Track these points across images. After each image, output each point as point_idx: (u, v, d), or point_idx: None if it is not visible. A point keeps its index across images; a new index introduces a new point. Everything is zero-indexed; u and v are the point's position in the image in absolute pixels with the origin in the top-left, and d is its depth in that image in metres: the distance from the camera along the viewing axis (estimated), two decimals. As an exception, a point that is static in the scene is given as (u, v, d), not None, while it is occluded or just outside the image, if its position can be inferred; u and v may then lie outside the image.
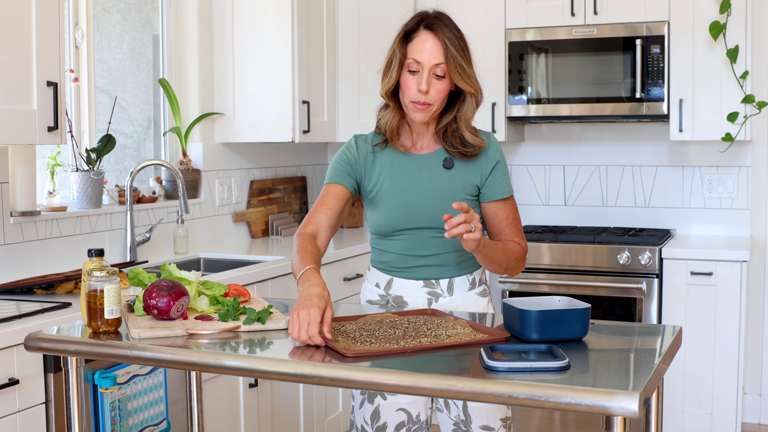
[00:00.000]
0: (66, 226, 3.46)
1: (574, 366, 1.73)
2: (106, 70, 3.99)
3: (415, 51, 2.33)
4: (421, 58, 2.32)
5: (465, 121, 2.40)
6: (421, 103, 2.33)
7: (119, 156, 4.07)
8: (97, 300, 2.03)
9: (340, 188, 2.41)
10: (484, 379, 1.64)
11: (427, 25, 2.35)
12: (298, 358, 1.82)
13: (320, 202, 2.39)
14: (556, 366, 1.69)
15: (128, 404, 2.79)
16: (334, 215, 2.37)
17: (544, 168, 4.99)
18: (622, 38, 4.34)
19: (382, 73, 2.41)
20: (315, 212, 2.37)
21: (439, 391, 1.63)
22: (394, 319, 2.11)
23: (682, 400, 4.18)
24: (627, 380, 1.63)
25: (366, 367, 1.72)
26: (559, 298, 2.08)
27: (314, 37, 4.42)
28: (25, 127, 2.79)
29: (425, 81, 2.31)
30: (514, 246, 2.41)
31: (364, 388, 1.71)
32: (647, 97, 4.31)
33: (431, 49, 2.32)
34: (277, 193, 4.86)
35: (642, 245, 4.20)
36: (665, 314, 4.18)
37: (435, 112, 2.37)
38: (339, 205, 2.39)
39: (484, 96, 4.51)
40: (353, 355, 1.80)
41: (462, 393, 1.62)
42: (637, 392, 1.53)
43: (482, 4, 4.62)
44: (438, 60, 2.31)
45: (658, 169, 4.77)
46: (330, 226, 2.36)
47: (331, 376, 1.72)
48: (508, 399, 1.59)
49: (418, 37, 2.35)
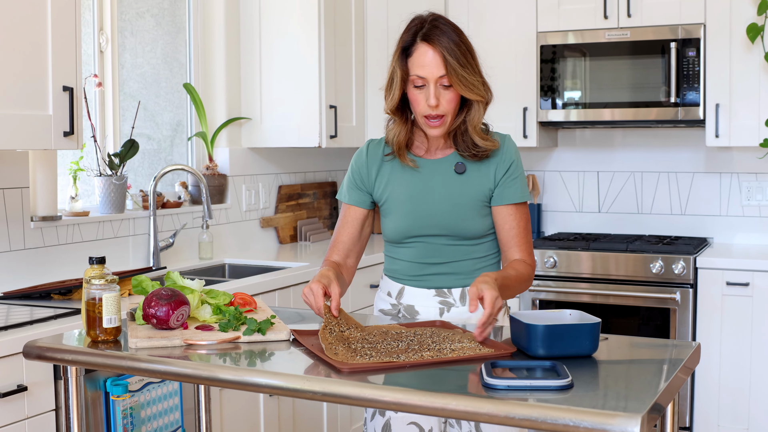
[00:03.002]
0: (87, 231, 3.45)
1: (578, 384, 1.65)
2: (140, 74, 3.99)
3: (416, 66, 2.26)
4: (423, 73, 2.25)
5: (473, 125, 2.33)
6: (433, 117, 2.28)
7: (152, 160, 4.06)
8: (95, 308, 2.00)
9: (355, 210, 2.46)
10: (480, 397, 1.57)
11: (423, 36, 2.26)
12: (294, 372, 1.76)
13: (342, 223, 2.47)
14: (558, 385, 1.61)
15: (141, 412, 2.76)
16: (356, 234, 2.46)
17: (577, 174, 4.89)
18: (657, 41, 4.23)
19: (385, 90, 2.36)
20: (339, 234, 2.45)
21: (432, 410, 1.57)
22: (400, 331, 2.05)
23: (717, 414, 4.06)
24: (631, 401, 1.55)
25: (359, 383, 1.66)
26: (570, 312, 1.99)
27: (342, 40, 4.37)
28: (41, 132, 2.78)
29: (432, 95, 2.25)
30: (524, 268, 2.31)
31: (357, 404, 1.65)
32: (682, 102, 4.20)
33: (432, 62, 2.24)
34: (307, 199, 4.82)
35: (676, 254, 4.09)
36: (700, 325, 4.06)
37: (450, 121, 2.31)
38: (359, 225, 2.46)
39: (516, 101, 4.50)
40: (349, 369, 1.74)
41: (456, 412, 1.55)
42: (639, 414, 1.45)
43: (513, 8, 4.54)
44: (441, 72, 2.24)
45: (695, 175, 4.65)
46: (355, 245, 2.46)
47: (324, 391, 1.67)
48: (504, 419, 1.52)
49: (417, 51, 2.26)
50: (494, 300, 1.98)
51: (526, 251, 2.34)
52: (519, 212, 2.36)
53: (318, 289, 2.09)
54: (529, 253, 2.35)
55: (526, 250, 2.35)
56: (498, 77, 4.59)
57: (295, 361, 1.88)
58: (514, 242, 2.34)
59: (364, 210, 2.44)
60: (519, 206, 2.36)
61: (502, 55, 4.51)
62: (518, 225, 2.35)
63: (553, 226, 4.95)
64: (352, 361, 1.81)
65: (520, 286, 2.27)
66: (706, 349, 4.04)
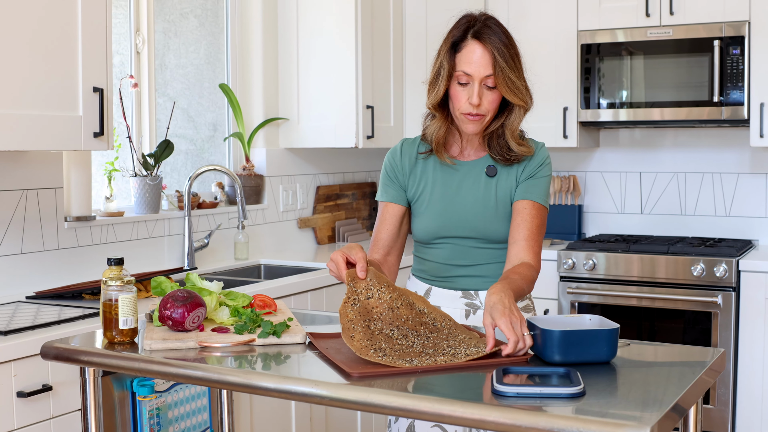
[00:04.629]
0: (122, 232, 3.48)
1: (591, 392, 1.61)
2: (183, 75, 4.02)
3: (464, 63, 2.23)
4: (470, 70, 2.22)
5: (511, 130, 2.31)
6: (473, 115, 2.25)
7: (193, 161, 4.08)
8: (112, 309, 2.00)
9: (392, 206, 2.43)
10: (487, 404, 1.54)
11: (474, 34, 2.24)
12: (304, 376, 1.74)
13: (380, 221, 2.44)
14: (569, 392, 1.57)
15: (168, 412, 2.76)
16: (395, 231, 2.43)
17: (619, 175, 4.80)
18: (700, 39, 4.13)
19: (429, 85, 2.33)
20: (378, 233, 2.42)
21: (439, 416, 1.54)
22: (423, 310, 2.00)
23: (761, 421, 3.95)
24: (644, 411, 1.50)
25: (366, 389, 1.64)
26: (590, 317, 1.95)
27: (380, 39, 4.35)
28: (71, 133, 2.80)
29: (476, 93, 2.22)
30: (529, 273, 2.23)
31: (364, 410, 1.62)
32: (726, 101, 4.10)
33: (480, 60, 2.22)
34: (345, 199, 4.81)
35: (718, 256, 3.99)
36: (742, 330, 3.96)
37: (487, 122, 2.29)
38: (398, 222, 2.43)
39: (556, 100, 4.43)
40: (359, 374, 1.71)
41: (463, 419, 1.52)
42: (647, 426, 1.40)
43: (554, 6, 4.47)
44: (488, 72, 2.22)
45: (740, 176, 4.54)
46: (395, 242, 2.42)
47: (332, 396, 1.64)
48: (511, 427, 1.48)
49: (467, 47, 2.24)
50: (511, 325, 1.86)
51: (533, 251, 2.27)
52: (535, 210, 2.30)
53: (339, 258, 2.04)
54: (535, 253, 2.28)
55: (533, 249, 2.27)
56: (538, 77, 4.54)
57: (308, 365, 1.86)
58: (522, 236, 2.27)
59: (402, 207, 2.42)
60: (536, 205, 2.31)
61: (542, 55, 4.45)
62: (531, 222, 2.28)
63: (595, 228, 4.87)
64: (366, 352, 1.79)
65: (526, 288, 2.22)
66: (748, 354, 3.94)
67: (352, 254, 2.04)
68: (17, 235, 3.07)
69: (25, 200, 3.09)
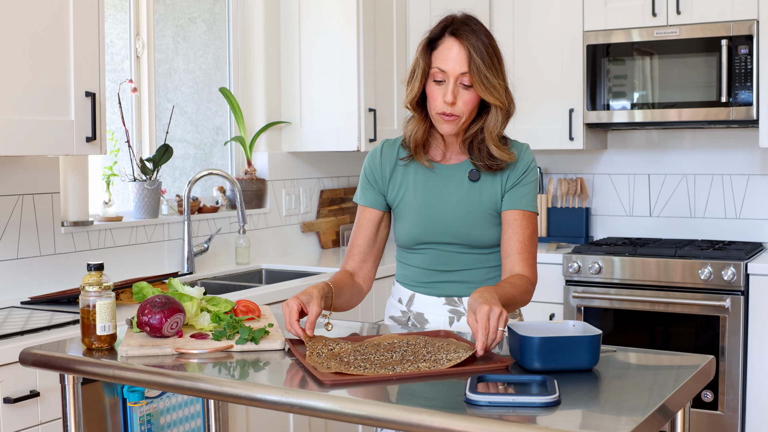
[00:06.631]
0: (120, 237, 3.46)
1: (567, 401, 1.56)
2: (192, 79, 4.00)
3: (439, 59, 2.19)
4: (446, 67, 2.18)
5: (490, 133, 2.24)
6: (448, 115, 2.20)
7: (195, 165, 4.06)
8: (90, 315, 1.98)
9: (369, 211, 2.38)
10: (458, 414, 1.49)
11: (452, 31, 2.20)
12: (276, 384, 1.71)
13: (357, 226, 2.39)
14: (543, 402, 1.53)
15: (161, 419, 2.74)
16: (371, 237, 2.38)
17: (627, 177, 4.74)
18: (708, 39, 4.07)
19: (407, 83, 2.29)
20: (354, 238, 2.38)
21: (407, 425, 1.50)
22: (392, 341, 1.98)
23: (770, 427, 3.88)
24: (620, 422, 1.45)
25: (334, 397, 1.60)
26: (573, 323, 1.90)
27: (382, 42, 4.31)
28: (63, 137, 2.79)
29: (451, 92, 2.17)
30: (524, 283, 2.18)
31: (333, 418, 1.59)
32: (735, 102, 4.03)
33: (456, 57, 2.17)
34: (350, 203, 4.78)
35: (726, 260, 3.92)
36: (752, 334, 3.89)
37: (464, 123, 2.23)
38: (374, 227, 2.38)
39: (562, 102, 4.37)
40: (331, 382, 1.68)
41: (432, 429, 1.48)
42: (618, 436, 1.36)
43: (559, 7, 4.42)
44: (464, 69, 2.16)
45: (750, 177, 4.46)
46: (371, 248, 2.37)
47: (302, 404, 1.61)
48: (480, 437, 1.44)
49: (443, 44, 2.20)
50: (487, 316, 1.83)
51: (527, 263, 2.22)
52: (525, 219, 2.25)
53: (294, 305, 1.99)
54: (530, 265, 2.23)
55: (527, 261, 2.22)
56: (543, 78, 4.51)
57: (282, 372, 1.83)
58: (515, 250, 2.23)
59: (379, 211, 2.37)
60: (526, 214, 2.26)
61: (547, 55, 4.40)
62: (523, 233, 2.24)
63: (603, 231, 4.81)
64: (347, 369, 1.75)
65: (519, 300, 2.16)
66: (757, 359, 3.87)
67: (309, 306, 2.01)
68: (13, 240, 3.06)
69: (22, 205, 3.08)
